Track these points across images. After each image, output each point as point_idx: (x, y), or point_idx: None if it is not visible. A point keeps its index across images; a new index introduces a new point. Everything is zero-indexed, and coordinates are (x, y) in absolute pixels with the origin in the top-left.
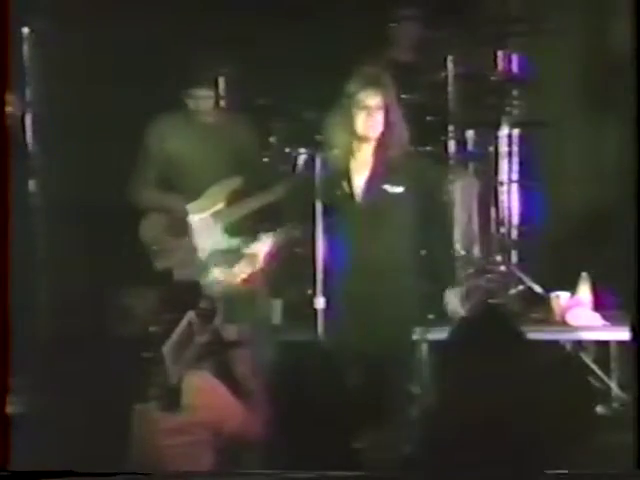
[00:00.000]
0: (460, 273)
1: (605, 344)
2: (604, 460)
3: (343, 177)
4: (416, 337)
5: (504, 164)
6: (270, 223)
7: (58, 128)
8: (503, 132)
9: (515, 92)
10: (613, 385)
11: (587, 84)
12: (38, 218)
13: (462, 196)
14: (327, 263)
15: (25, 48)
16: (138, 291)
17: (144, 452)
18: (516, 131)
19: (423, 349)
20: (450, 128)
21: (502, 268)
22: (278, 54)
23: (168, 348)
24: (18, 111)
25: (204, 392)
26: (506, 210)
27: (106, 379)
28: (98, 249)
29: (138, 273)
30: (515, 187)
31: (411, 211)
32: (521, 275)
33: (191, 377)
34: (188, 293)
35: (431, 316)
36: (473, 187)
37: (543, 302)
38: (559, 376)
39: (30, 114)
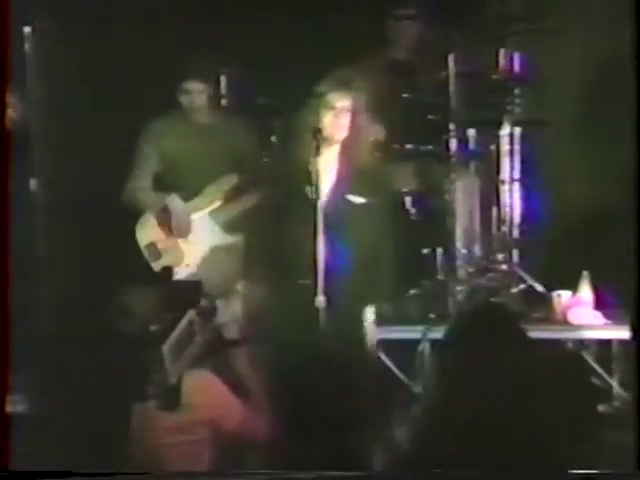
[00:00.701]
0: (461, 272)
1: (607, 343)
2: (606, 459)
3: (308, 177)
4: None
5: (506, 163)
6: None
7: (59, 127)
8: (505, 131)
9: (517, 91)
10: (615, 384)
11: (589, 83)
12: (39, 216)
13: (463, 195)
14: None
15: (27, 47)
16: (138, 290)
17: (144, 451)
18: (518, 130)
19: (425, 348)
20: (451, 127)
21: (503, 267)
22: (279, 53)
23: (168, 347)
24: (19, 110)
25: (204, 391)
26: (507, 209)
27: (106, 378)
28: (99, 248)
29: (138, 272)
30: (517, 186)
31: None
32: (522, 274)
33: (191, 376)
34: (188, 292)
35: (432, 315)
36: (474, 186)
37: (544, 301)
38: (560, 375)
39: (31, 113)
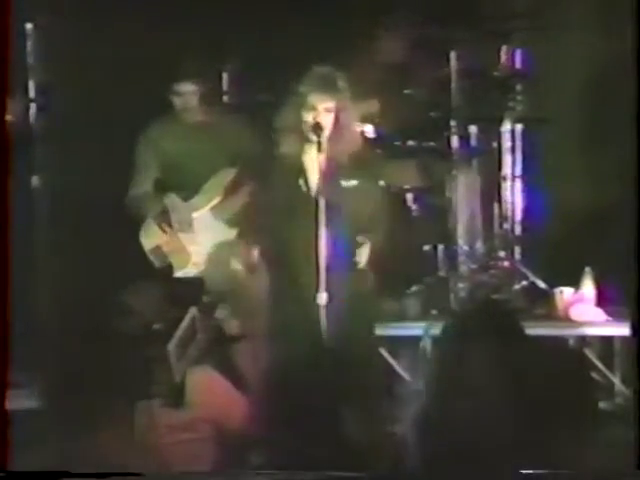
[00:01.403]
0: (463, 268)
1: (609, 340)
2: (607, 456)
3: (299, 174)
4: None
5: (507, 160)
6: None
7: (61, 124)
8: (506, 128)
9: (518, 87)
10: (616, 381)
11: (590, 79)
12: (40, 214)
13: (465, 192)
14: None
15: (29, 44)
16: (140, 288)
17: (148, 450)
18: (519, 127)
19: (427, 345)
20: (453, 123)
21: (505, 264)
22: (280, 51)
23: (173, 345)
24: (20, 107)
25: (208, 389)
26: (509, 206)
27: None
28: (100, 246)
29: (139, 270)
30: (518, 183)
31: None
32: (524, 270)
33: (195, 373)
34: (190, 289)
35: (434, 311)
36: (476, 183)
37: (546, 298)
38: (562, 372)
39: (33, 110)
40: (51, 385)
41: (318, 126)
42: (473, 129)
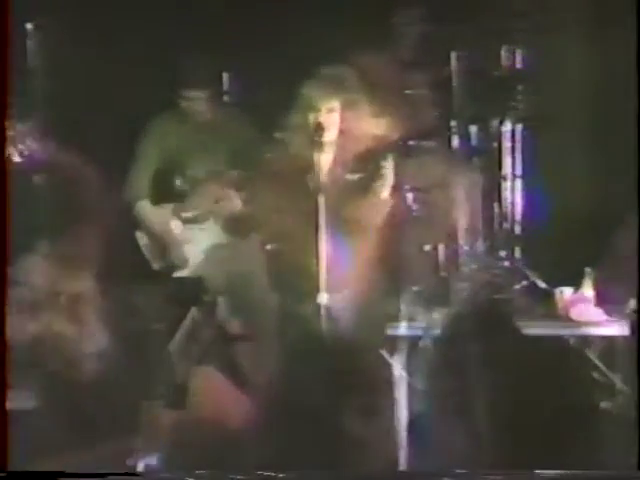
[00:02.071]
0: (463, 268)
1: (609, 339)
2: (608, 456)
3: (302, 174)
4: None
5: (508, 159)
6: None
7: (61, 124)
8: (507, 127)
9: (519, 87)
10: (617, 380)
11: (590, 79)
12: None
13: (465, 191)
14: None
15: (29, 44)
16: (141, 288)
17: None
18: (520, 126)
19: (427, 345)
20: (454, 123)
21: (506, 263)
22: (280, 51)
23: (175, 346)
24: (20, 107)
25: (210, 389)
26: (510, 205)
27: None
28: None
29: (140, 270)
30: (519, 182)
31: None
32: (525, 270)
33: (197, 374)
34: (191, 289)
35: (435, 312)
36: (476, 182)
37: (547, 297)
38: (563, 371)
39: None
40: (51, 385)
41: (320, 126)
42: (473, 129)
